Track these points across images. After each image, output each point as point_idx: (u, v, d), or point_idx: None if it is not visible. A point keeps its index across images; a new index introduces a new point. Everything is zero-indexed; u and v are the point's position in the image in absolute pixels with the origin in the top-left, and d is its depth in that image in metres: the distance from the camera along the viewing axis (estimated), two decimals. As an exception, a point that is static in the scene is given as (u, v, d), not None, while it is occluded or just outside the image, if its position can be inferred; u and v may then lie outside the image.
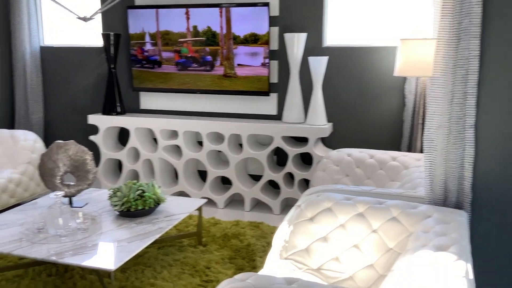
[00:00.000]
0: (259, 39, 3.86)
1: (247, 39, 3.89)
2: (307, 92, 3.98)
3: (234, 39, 3.93)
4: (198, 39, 4.03)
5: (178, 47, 4.09)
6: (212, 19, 3.96)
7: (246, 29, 3.87)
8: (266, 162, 3.87)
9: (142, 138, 4.26)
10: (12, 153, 3.85)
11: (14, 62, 4.64)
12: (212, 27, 3.97)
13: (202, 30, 4.01)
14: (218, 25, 3.95)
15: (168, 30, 4.11)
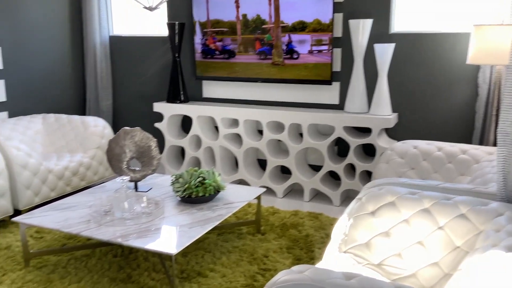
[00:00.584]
0: (323, 27, 3.77)
1: (314, 27, 3.82)
2: (371, 81, 3.85)
3: (298, 27, 3.87)
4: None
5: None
6: (283, 7, 3.92)
7: (312, 16, 3.80)
8: (327, 152, 3.80)
9: (204, 126, 4.34)
10: (83, 138, 4.05)
11: (85, 51, 4.87)
12: (283, 16, 3.93)
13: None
14: (284, 14, 3.91)
15: (246, 13, 4.12)
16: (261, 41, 4.02)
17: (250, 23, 4.01)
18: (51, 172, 3.58)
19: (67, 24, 4.72)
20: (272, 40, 3.98)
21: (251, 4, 4.00)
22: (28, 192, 3.42)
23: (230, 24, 4.11)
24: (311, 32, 3.83)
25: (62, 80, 4.74)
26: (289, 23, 3.90)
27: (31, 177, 3.42)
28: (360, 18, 3.78)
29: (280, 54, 3.97)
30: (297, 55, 3.89)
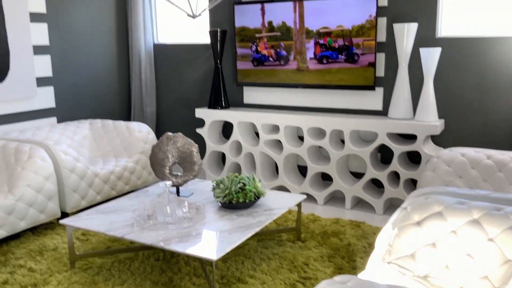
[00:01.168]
0: (365, 31, 3.71)
1: (357, 31, 3.77)
2: (416, 87, 3.75)
3: (342, 32, 3.82)
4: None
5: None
6: (323, 11, 3.89)
7: (354, 20, 3.75)
8: (369, 159, 3.72)
9: (244, 132, 4.35)
10: (128, 144, 4.15)
11: (131, 59, 5.00)
12: (324, 21, 3.90)
13: (285, 24, 3.96)
14: (325, 18, 3.87)
15: (285, 23, 4.12)
16: (321, 45, 3.96)
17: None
18: (97, 176, 3.68)
19: (114, 33, 4.87)
20: (333, 44, 3.91)
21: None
22: (75, 196, 3.53)
23: (283, 29, 4.10)
24: (354, 37, 3.78)
25: (109, 86, 4.89)
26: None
27: (78, 180, 3.54)
28: (405, 22, 3.69)
29: (328, 59, 3.93)
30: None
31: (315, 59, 4.00)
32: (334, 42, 3.88)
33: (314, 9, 3.90)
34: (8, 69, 3.84)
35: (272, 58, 4.20)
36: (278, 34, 4.11)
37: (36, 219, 3.27)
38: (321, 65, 3.98)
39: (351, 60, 3.84)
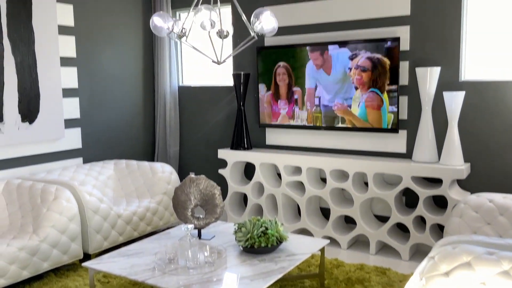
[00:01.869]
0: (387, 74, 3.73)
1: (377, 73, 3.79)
2: (440, 130, 3.71)
3: (363, 72, 3.85)
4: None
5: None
6: (342, 58, 3.94)
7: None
8: (394, 203, 3.66)
9: (266, 173, 4.35)
10: (151, 184, 4.19)
11: (156, 100, 5.12)
12: (342, 66, 3.95)
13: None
14: (347, 64, 3.92)
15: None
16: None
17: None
18: (120, 217, 3.71)
19: (141, 76, 5.02)
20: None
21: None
22: (98, 237, 3.55)
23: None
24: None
25: (134, 127, 4.99)
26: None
27: (101, 221, 3.56)
28: (427, 66, 3.70)
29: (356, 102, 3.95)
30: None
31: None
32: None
33: (337, 53, 3.96)
34: (38, 111, 3.97)
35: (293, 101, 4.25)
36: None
37: (59, 260, 3.29)
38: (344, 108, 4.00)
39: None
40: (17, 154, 3.89)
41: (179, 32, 2.93)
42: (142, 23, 4.99)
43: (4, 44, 3.70)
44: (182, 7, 4.98)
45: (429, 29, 3.68)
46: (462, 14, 3.56)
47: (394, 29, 3.80)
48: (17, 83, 3.81)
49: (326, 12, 4.11)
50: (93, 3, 4.46)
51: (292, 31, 4.31)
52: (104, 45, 4.61)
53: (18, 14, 3.78)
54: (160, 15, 2.87)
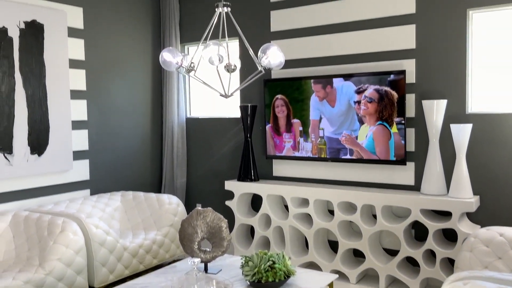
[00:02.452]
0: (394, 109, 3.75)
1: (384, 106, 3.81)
2: (448, 162, 3.69)
3: (369, 104, 3.87)
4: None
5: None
6: (348, 91, 3.98)
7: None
8: (403, 236, 3.61)
9: (273, 205, 4.32)
10: (158, 216, 4.18)
11: (164, 132, 5.16)
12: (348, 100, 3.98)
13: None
14: (352, 97, 3.95)
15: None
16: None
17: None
18: (126, 250, 3.68)
19: (149, 108, 5.08)
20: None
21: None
22: (104, 270, 3.52)
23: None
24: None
25: (142, 159, 5.01)
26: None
27: (107, 254, 3.54)
28: (434, 98, 3.72)
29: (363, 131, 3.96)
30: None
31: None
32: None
33: (342, 85, 3.99)
34: (47, 144, 4.01)
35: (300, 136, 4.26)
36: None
37: (64, 294, 3.25)
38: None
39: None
40: (25, 186, 3.91)
41: (187, 67, 2.98)
42: (151, 57, 5.08)
43: (15, 78, 3.78)
44: (191, 41, 5.07)
45: (434, 62, 3.71)
46: (467, 46, 3.60)
47: (400, 62, 3.84)
48: (28, 116, 3.87)
49: (332, 45, 4.17)
50: (103, 37, 4.56)
51: (299, 64, 4.37)
52: (114, 78, 4.68)
53: (30, 49, 3.87)
54: (170, 50, 2.93)
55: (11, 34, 3.74)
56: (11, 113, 3.76)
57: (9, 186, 3.80)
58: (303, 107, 4.22)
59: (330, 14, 4.16)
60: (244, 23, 4.66)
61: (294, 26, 4.37)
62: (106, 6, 4.57)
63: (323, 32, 4.22)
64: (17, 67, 3.79)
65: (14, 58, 3.76)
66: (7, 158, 3.74)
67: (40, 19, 3.93)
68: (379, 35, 3.92)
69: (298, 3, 4.34)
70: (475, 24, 3.61)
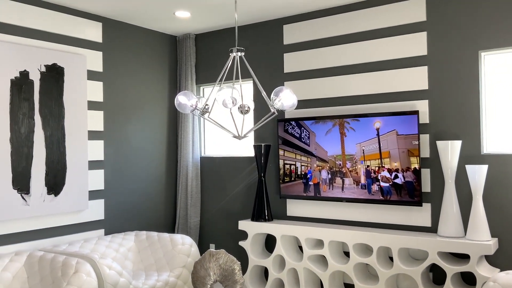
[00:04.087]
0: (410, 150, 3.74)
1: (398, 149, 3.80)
2: (465, 203, 3.64)
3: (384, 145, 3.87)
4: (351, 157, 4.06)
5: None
6: (365, 131, 3.99)
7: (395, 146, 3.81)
8: (421, 279, 3.52)
9: (287, 245, 4.27)
10: (171, 257, 4.15)
11: (178, 171, 5.20)
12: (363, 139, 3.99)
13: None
14: (365, 137, 3.96)
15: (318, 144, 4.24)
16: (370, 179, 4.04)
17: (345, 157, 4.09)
18: (138, 291, 3.65)
19: (164, 147, 5.14)
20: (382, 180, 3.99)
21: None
22: (116, 312, 3.49)
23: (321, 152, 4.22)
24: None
25: (156, 198, 5.04)
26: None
27: (120, 296, 3.51)
28: (448, 139, 3.70)
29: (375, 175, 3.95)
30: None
31: (362, 188, 4.01)
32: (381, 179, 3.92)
33: (354, 132, 4.01)
34: (64, 184, 4.07)
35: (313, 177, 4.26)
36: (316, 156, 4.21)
37: (75, 337, 3.22)
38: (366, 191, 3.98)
39: (397, 186, 3.83)
40: (41, 226, 3.94)
41: (202, 109, 3.04)
42: (167, 98, 5.19)
43: (35, 119, 3.88)
44: (206, 82, 5.18)
45: (447, 102, 3.72)
46: (480, 87, 3.61)
47: (413, 103, 3.86)
48: (46, 156, 3.95)
49: (345, 86, 4.22)
50: (121, 80, 4.69)
51: (312, 104, 4.41)
52: (130, 119, 4.78)
53: (50, 91, 3.99)
54: (185, 94, 3.00)
55: (32, 77, 3.87)
56: (29, 153, 3.84)
57: (25, 226, 3.84)
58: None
59: (343, 56, 4.23)
60: (258, 65, 4.75)
61: (307, 67, 4.44)
62: (125, 49, 4.72)
63: (336, 73, 4.28)
64: (37, 109, 3.90)
65: (34, 100, 3.88)
66: (24, 198, 3.79)
67: (61, 62, 4.07)
68: (392, 76, 3.96)
69: (311, 45, 4.43)
70: (487, 65, 3.63)
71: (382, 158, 3.87)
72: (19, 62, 3.77)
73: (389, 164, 3.83)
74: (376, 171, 3.90)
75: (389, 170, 3.83)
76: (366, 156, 3.95)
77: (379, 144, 3.88)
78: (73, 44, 4.23)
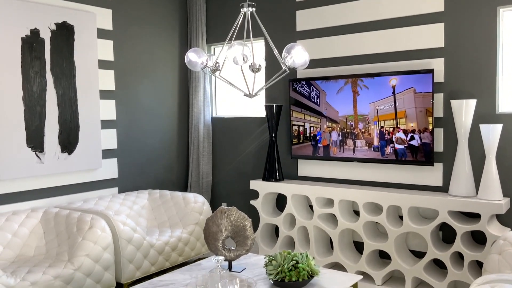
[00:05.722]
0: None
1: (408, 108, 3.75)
2: (477, 163, 3.61)
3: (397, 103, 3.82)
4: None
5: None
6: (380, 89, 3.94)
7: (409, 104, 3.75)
8: (430, 238, 3.55)
9: (298, 205, 4.32)
10: (184, 214, 4.23)
11: (190, 132, 5.22)
12: (378, 98, 3.94)
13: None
14: (378, 97, 3.91)
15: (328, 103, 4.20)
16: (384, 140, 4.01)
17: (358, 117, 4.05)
18: (152, 247, 3.74)
19: (176, 107, 5.14)
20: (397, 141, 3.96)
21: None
22: (131, 266, 3.59)
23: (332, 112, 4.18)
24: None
25: (168, 158, 5.09)
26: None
27: (134, 251, 3.61)
28: (462, 98, 3.64)
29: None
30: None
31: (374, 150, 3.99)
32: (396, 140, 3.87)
33: (368, 91, 3.95)
34: (77, 142, 4.12)
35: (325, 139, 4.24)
36: (327, 117, 4.17)
37: (92, 289, 3.33)
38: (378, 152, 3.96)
39: (411, 148, 3.80)
40: (55, 183, 4.02)
41: (212, 67, 3.01)
42: (178, 57, 5.15)
43: (47, 78, 3.89)
44: (217, 41, 5.12)
45: (463, 60, 3.63)
46: (497, 45, 3.51)
47: (428, 61, 3.78)
48: (58, 115, 3.98)
49: (359, 44, 4.13)
50: (131, 38, 4.64)
51: (325, 63, 4.35)
52: (141, 78, 4.77)
53: (61, 50, 3.98)
54: (195, 51, 2.96)
55: (43, 36, 3.85)
56: (42, 112, 3.87)
57: (40, 183, 3.91)
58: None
59: (357, 13, 4.13)
60: (270, 23, 4.67)
61: (320, 25, 4.35)
62: (134, 7, 4.65)
63: (350, 31, 4.19)
64: (49, 67, 3.90)
65: (45, 59, 3.87)
66: (39, 156, 3.85)
67: (71, 20, 4.04)
68: (407, 33, 3.87)
69: (324, 2, 4.32)
70: (506, 22, 3.52)
71: (397, 118, 3.82)
72: (29, 20, 3.75)
73: (404, 124, 3.78)
74: (390, 132, 3.87)
75: (404, 131, 3.79)
76: (380, 116, 3.91)
77: (395, 103, 3.83)
78: (83, 2, 4.18)
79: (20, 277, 2.99)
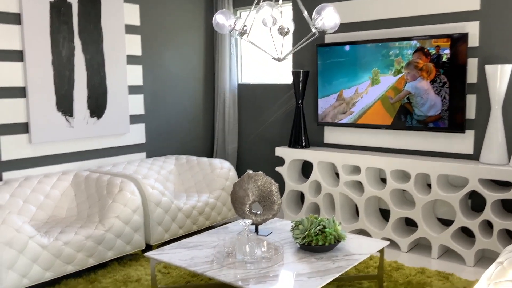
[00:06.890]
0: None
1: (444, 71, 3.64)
2: (511, 130, 3.51)
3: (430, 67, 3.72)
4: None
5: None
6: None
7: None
8: (459, 206, 3.50)
9: (324, 172, 4.30)
10: (210, 180, 4.27)
11: (216, 98, 5.21)
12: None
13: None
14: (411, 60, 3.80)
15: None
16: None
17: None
18: (180, 210, 3.81)
19: (202, 74, 5.13)
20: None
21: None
22: (160, 229, 3.67)
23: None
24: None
25: (194, 124, 5.11)
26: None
27: (163, 214, 3.68)
28: (497, 63, 3.51)
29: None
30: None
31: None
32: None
33: (400, 49, 3.84)
34: (106, 107, 4.16)
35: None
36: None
37: (122, 250, 3.43)
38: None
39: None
40: (85, 147, 4.10)
41: (240, 30, 2.96)
42: (204, 22, 5.10)
43: (75, 43, 3.91)
44: (243, 5, 5.03)
45: (500, 24, 3.49)
46: (538, 7, 3.35)
47: (462, 24, 3.64)
48: (87, 80, 4.01)
49: (389, 7, 4.00)
50: (157, 3, 4.61)
51: (354, 27, 4.24)
52: (168, 43, 4.75)
53: (88, 14, 3.98)
54: (223, 13, 2.92)
55: (70, 0, 3.85)
56: (71, 77, 3.91)
57: (70, 147, 3.99)
58: (358, 72, 4.11)
59: (388, -26, 3.98)
60: (298, -14, 4.54)
61: (349, -12, 4.22)
62: (160, -29, 4.60)
63: (380, -6, 4.05)
64: (76, 32, 3.91)
65: (73, 23, 3.88)
66: (68, 120, 3.92)
67: (98, -15, 4.02)
68: (441, -5, 3.72)
69: (354, -37, 4.17)
70: (548, -19, 3.34)
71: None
72: (56, -16, 3.74)
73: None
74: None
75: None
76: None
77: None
78: (109, -35, 4.15)
79: (53, 236, 3.10)
